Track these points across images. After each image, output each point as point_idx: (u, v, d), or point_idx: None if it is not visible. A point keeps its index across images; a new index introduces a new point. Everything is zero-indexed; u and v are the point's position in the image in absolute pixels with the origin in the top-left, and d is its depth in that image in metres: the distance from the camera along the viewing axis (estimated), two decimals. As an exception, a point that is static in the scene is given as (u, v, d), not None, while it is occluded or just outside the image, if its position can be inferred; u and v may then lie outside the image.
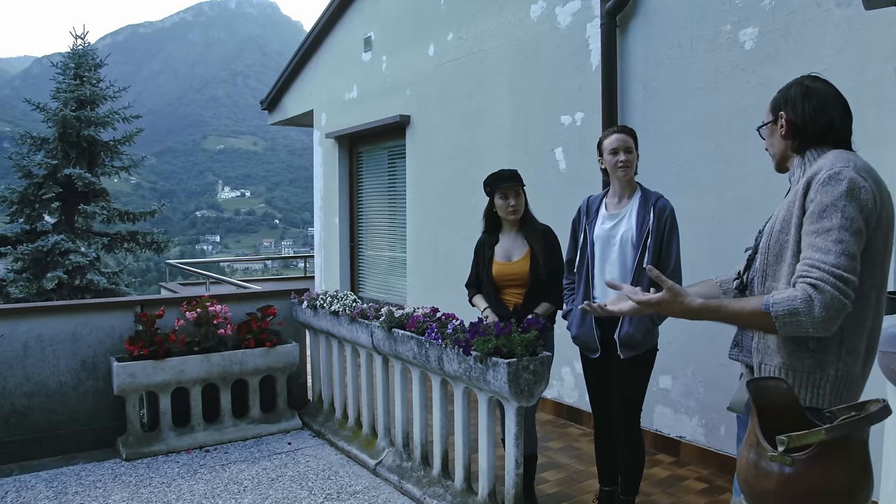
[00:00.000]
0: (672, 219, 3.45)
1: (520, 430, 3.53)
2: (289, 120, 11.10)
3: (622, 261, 3.48)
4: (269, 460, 4.89)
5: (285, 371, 5.52)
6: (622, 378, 3.55)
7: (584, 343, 3.60)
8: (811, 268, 1.83)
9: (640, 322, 3.41)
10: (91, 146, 14.94)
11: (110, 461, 4.86)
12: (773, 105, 2.16)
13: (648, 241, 3.38)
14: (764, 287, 2.03)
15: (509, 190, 3.92)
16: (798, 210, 1.93)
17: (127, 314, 5.15)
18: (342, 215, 9.60)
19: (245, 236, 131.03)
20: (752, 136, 4.40)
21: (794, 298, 1.81)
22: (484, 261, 4.04)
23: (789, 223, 1.96)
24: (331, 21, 9.36)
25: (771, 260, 2.01)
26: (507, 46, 6.33)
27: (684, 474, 4.60)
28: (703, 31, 4.64)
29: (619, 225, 3.51)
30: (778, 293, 1.86)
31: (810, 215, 1.89)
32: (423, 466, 4.33)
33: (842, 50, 3.88)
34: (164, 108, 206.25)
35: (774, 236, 2.02)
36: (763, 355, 2.04)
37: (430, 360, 3.90)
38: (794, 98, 2.09)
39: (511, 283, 3.96)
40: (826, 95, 2.06)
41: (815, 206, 1.88)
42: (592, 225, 3.59)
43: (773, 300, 1.84)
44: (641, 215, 3.44)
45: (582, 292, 3.57)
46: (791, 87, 2.12)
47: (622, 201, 3.56)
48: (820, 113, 2.04)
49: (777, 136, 2.14)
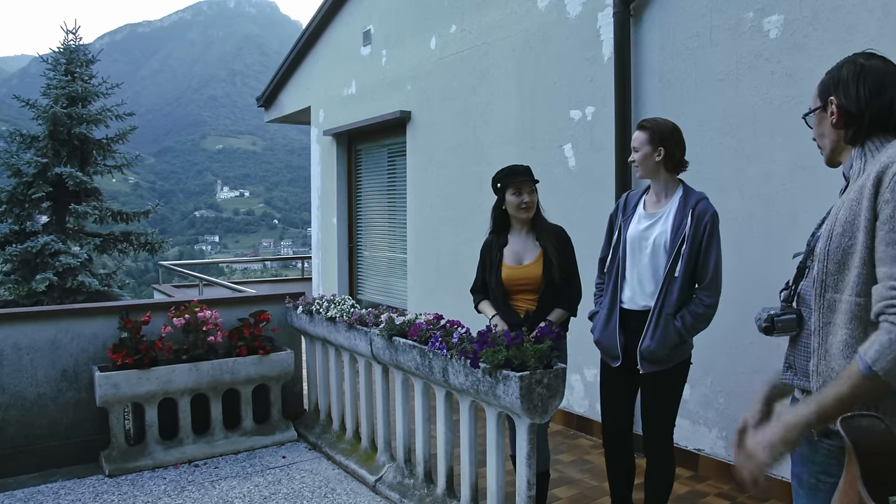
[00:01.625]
0: (713, 224, 3.15)
1: (532, 449, 3.25)
2: (286, 117, 10.85)
3: (654, 266, 3.22)
4: (262, 476, 4.61)
5: (279, 380, 5.24)
6: (648, 395, 3.32)
7: (606, 349, 3.35)
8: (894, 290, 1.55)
9: (665, 336, 3.14)
10: (83, 144, 14.61)
11: (92, 477, 4.57)
12: (822, 88, 1.85)
13: (683, 249, 3.11)
14: (823, 300, 1.73)
15: (523, 185, 3.64)
16: (867, 212, 1.62)
17: (111, 320, 4.87)
18: (340, 215, 9.33)
19: (244, 236, 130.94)
20: (778, 131, 4.16)
21: (892, 344, 1.51)
22: (492, 264, 3.75)
23: (855, 226, 1.66)
24: (329, 14, 9.10)
25: (831, 268, 1.71)
26: (514, 38, 6.04)
27: (704, 490, 4.33)
28: (724, 18, 4.37)
29: (655, 226, 3.24)
30: (867, 347, 1.55)
31: (887, 220, 1.58)
32: (427, 484, 4.05)
33: (878, 38, 3.60)
34: (163, 108, 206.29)
35: (835, 240, 1.71)
36: (825, 379, 1.73)
37: (434, 371, 3.62)
38: (847, 79, 1.77)
39: (522, 288, 3.69)
40: (884, 74, 1.75)
41: (892, 210, 1.58)
42: (628, 223, 3.34)
43: (870, 357, 1.53)
44: (679, 218, 3.17)
45: (609, 295, 3.34)
46: (842, 67, 1.80)
47: (661, 200, 3.30)
48: (877, 95, 1.73)
49: (827, 125, 1.83)
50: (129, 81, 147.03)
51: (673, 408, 3.32)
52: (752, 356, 4.26)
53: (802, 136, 3.93)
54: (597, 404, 5.15)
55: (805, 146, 3.91)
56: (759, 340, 4.17)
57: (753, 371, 4.26)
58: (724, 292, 4.38)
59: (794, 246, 3.94)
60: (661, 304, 3.15)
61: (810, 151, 3.89)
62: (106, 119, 15.08)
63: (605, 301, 3.36)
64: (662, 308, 3.14)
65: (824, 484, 1.76)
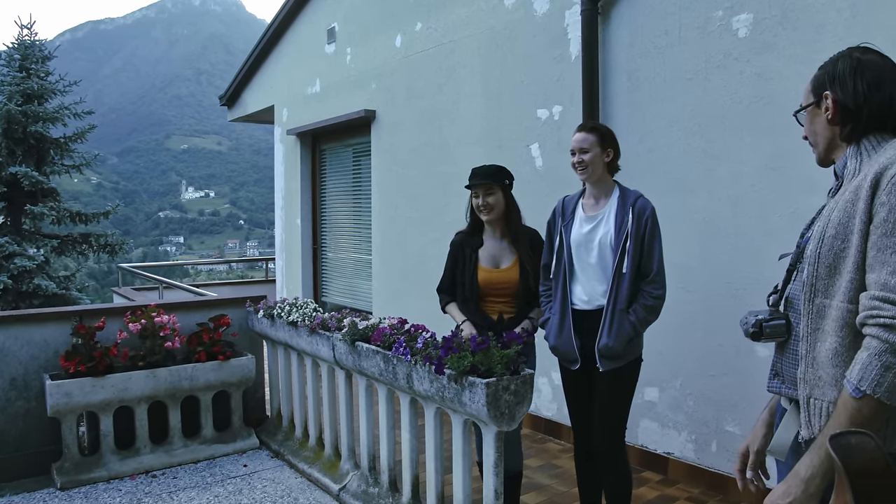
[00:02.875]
0: (653, 220, 3.19)
1: (499, 457, 3.16)
2: (249, 116, 10.67)
3: (602, 266, 3.23)
4: (222, 485, 4.46)
5: (240, 386, 5.09)
6: (603, 392, 3.28)
7: (563, 354, 3.32)
8: (883, 303, 1.48)
9: (620, 331, 3.14)
10: (39, 143, 14.22)
11: (42, 491, 4.38)
12: (816, 84, 1.77)
13: (628, 245, 3.13)
14: (812, 305, 1.65)
15: (478, 188, 3.61)
16: (863, 214, 1.55)
17: (63, 326, 4.67)
18: (304, 216, 9.17)
19: (209, 237, 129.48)
20: (747, 131, 4.11)
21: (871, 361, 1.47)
22: (466, 264, 3.66)
23: (849, 229, 1.58)
24: (293, 12, 8.95)
25: (822, 272, 1.63)
26: (480, 36, 5.95)
27: (674, 494, 4.27)
28: (693, 17, 4.32)
29: (598, 228, 3.26)
30: (852, 368, 1.50)
31: (883, 223, 1.51)
32: (392, 493, 3.94)
33: (845, 37, 3.55)
34: (127, 107, 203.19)
35: (827, 243, 1.63)
36: (812, 388, 1.65)
37: (399, 377, 3.51)
38: (843, 74, 1.69)
39: (498, 292, 3.61)
40: (882, 69, 1.68)
41: (888, 213, 1.51)
42: (569, 228, 3.34)
43: (854, 378, 1.48)
44: (620, 217, 3.19)
45: (560, 299, 3.31)
46: (837, 62, 1.72)
47: (599, 202, 3.31)
48: (876, 91, 1.66)
49: (821, 122, 1.76)
50: (91, 80, 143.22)
51: (627, 406, 3.31)
52: (721, 358, 4.21)
53: (772, 137, 3.90)
54: (564, 407, 5.08)
55: (775, 146, 3.88)
56: (729, 342, 4.13)
57: (723, 373, 4.22)
58: (692, 295, 4.34)
59: (764, 247, 3.93)
60: (614, 301, 3.16)
61: (780, 152, 3.86)
62: (63, 117, 14.74)
63: (556, 306, 3.33)
64: (616, 304, 3.16)
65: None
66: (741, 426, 4.14)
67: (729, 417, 4.21)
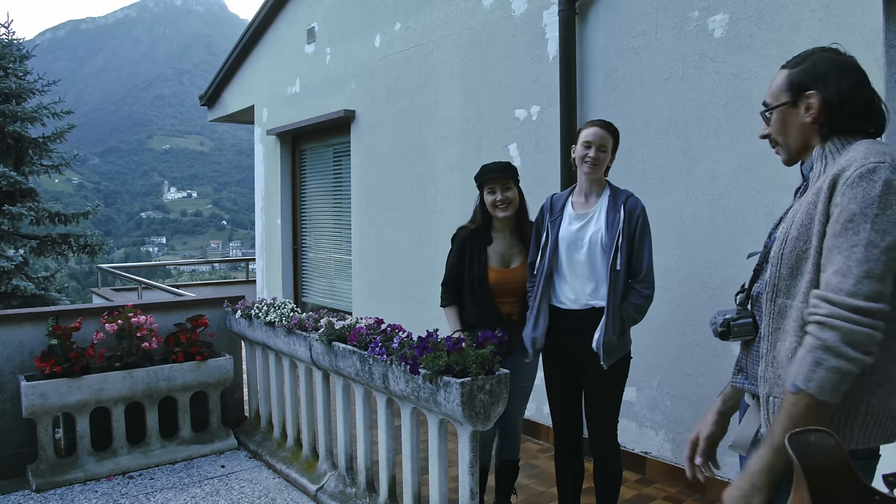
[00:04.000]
0: (644, 218, 3.20)
1: (474, 457, 3.15)
2: (229, 116, 10.61)
3: (591, 264, 3.21)
4: (199, 486, 4.44)
5: (218, 386, 5.06)
6: (596, 393, 3.31)
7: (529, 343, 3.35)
8: (822, 301, 1.51)
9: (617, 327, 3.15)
10: (17, 143, 14.05)
11: (17, 493, 4.33)
12: (794, 82, 1.75)
13: (620, 243, 3.12)
14: (774, 305, 1.66)
15: (496, 182, 3.54)
16: (821, 215, 1.57)
17: (39, 327, 4.63)
18: (284, 216, 9.14)
19: (192, 238, 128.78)
20: (723, 131, 4.13)
21: (805, 357, 1.50)
22: (473, 262, 3.61)
23: (809, 230, 1.59)
24: (273, 11, 8.91)
25: (784, 273, 1.64)
26: (458, 36, 5.95)
27: (651, 493, 4.28)
28: (669, 17, 4.34)
29: (588, 226, 3.23)
30: (793, 365, 1.53)
31: (833, 223, 1.54)
32: (369, 493, 3.93)
33: (819, 38, 3.58)
34: (108, 107, 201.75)
35: (790, 244, 1.64)
36: (772, 386, 1.67)
37: (375, 377, 3.50)
38: (826, 73, 1.70)
39: (509, 292, 3.59)
40: (857, 70, 1.70)
41: (839, 213, 1.53)
42: (557, 225, 3.30)
43: (791, 375, 1.51)
44: (611, 215, 3.18)
45: (540, 296, 3.28)
46: (816, 62, 1.73)
47: (589, 200, 3.29)
48: (858, 90, 1.67)
49: (798, 122, 1.75)
50: (72, 79, 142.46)
51: (618, 403, 3.34)
52: (698, 358, 4.23)
53: (747, 137, 3.92)
54: (543, 406, 5.10)
55: (751, 147, 3.90)
56: (706, 342, 4.15)
57: (700, 373, 4.23)
58: (670, 294, 4.36)
59: (741, 247, 3.95)
60: (614, 298, 3.15)
61: (756, 151, 3.88)
62: (42, 117, 14.56)
63: (541, 303, 3.30)
64: (615, 301, 3.15)
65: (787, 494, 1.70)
66: (717, 425, 4.15)
67: (705, 416, 4.23)
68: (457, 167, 5.97)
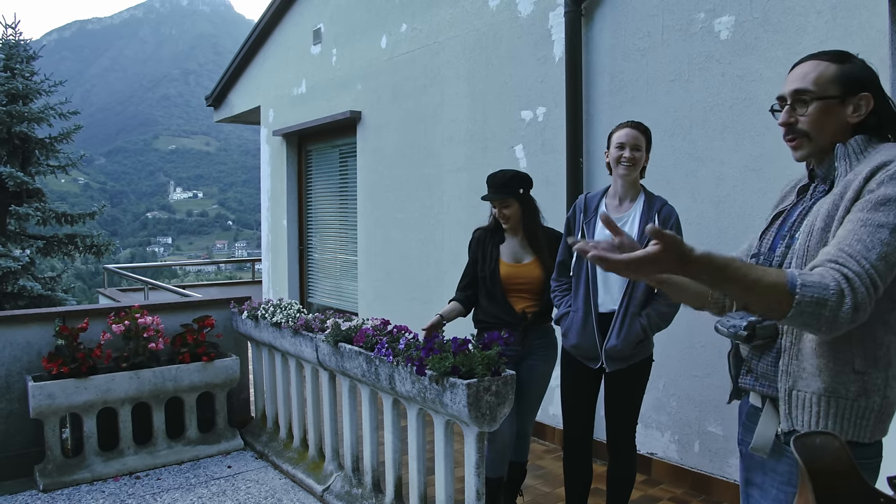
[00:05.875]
0: (677, 228, 3.19)
1: (480, 458, 3.16)
2: (235, 117, 10.64)
3: None
4: (206, 487, 4.45)
5: (225, 387, 5.08)
6: (614, 393, 3.30)
7: (586, 351, 3.28)
8: (850, 257, 1.50)
9: (629, 334, 3.14)
10: (24, 143, 14.12)
11: (25, 493, 4.35)
12: (850, 79, 1.72)
13: None
14: None
15: (494, 201, 3.60)
16: (848, 202, 1.59)
17: (46, 327, 4.65)
18: (290, 217, 9.16)
19: (197, 238, 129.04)
20: (729, 133, 4.13)
21: (826, 288, 1.47)
22: (488, 259, 3.65)
23: (833, 218, 1.62)
24: (279, 12, 8.94)
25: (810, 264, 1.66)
26: (464, 37, 5.96)
27: (657, 494, 4.29)
28: (675, 19, 4.34)
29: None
30: (809, 275, 1.50)
31: (865, 203, 1.55)
32: (375, 493, 3.94)
33: (826, 40, 3.59)
34: (114, 107, 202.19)
35: (815, 235, 1.65)
36: (795, 380, 1.67)
37: (381, 378, 3.51)
38: (874, 78, 1.71)
39: (521, 287, 3.60)
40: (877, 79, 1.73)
41: (874, 196, 1.54)
42: (591, 226, 3.27)
43: (803, 281, 1.47)
44: (644, 221, 3.15)
45: (583, 298, 3.25)
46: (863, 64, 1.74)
47: (623, 204, 3.27)
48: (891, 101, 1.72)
49: (840, 119, 1.72)
50: (78, 80, 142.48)
51: (637, 405, 3.33)
52: (703, 359, 4.24)
53: (753, 138, 3.92)
54: (549, 407, 5.10)
55: (756, 148, 3.91)
56: (711, 343, 4.15)
57: (706, 374, 4.24)
58: (675, 295, 4.33)
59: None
60: (627, 305, 3.15)
61: (762, 153, 3.89)
62: (49, 118, 14.62)
63: (579, 304, 3.27)
64: (628, 308, 3.15)
65: (785, 494, 1.70)
66: (724, 427, 4.17)
67: (711, 418, 4.24)
68: (463, 168, 5.98)
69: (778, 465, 1.73)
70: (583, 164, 4.84)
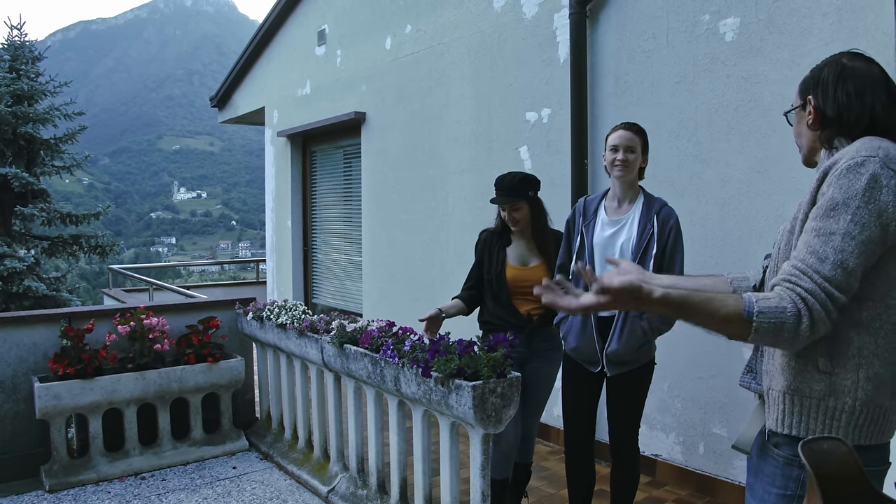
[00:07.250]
0: (677, 229, 3.16)
1: (486, 460, 3.17)
2: (239, 118, 10.65)
3: None
4: (211, 488, 4.46)
5: (230, 388, 5.09)
6: (617, 396, 3.30)
7: (587, 355, 3.26)
8: (802, 274, 1.51)
9: (631, 338, 3.12)
10: (29, 144, 14.13)
11: (31, 493, 4.37)
12: (802, 87, 1.78)
13: (651, 251, 3.10)
14: None
15: (504, 205, 3.60)
16: (807, 205, 1.61)
17: (52, 328, 4.66)
18: (295, 218, 9.17)
19: (201, 238, 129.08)
20: (734, 135, 4.13)
21: (784, 311, 1.48)
22: (491, 261, 3.66)
23: (798, 219, 1.64)
24: (283, 13, 8.95)
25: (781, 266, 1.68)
26: (469, 39, 5.97)
27: (661, 496, 4.29)
28: (680, 21, 4.34)
29: (620, 233, 3.21)
30: (764, 300, 1.51)
31: (817, 209, 1.56)
32: (380, 495, 3.94)
33: (831, 42, 3.59)
34: (118, 108, 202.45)
35: (784, 237, 1.69)
36: (771, 378, 1.70)
37: (386, 380, 3.51)
38: (826, 80, 1.70)
39: (527, 290, 3.56)
40: (866, 77, 1.68)
41: (824, 200, 1.55)
42: (591, 229, 3.28)
43: (759, 308, 1.49)
44: (643, 223, 3.15)
45: None
46: (824, 67, 1.74)
47: (622, 206, 3.26)
48: (857, 99, 1.66)
49: (804, 125, 1.78)
50: (82, 80, 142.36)
51: (640, 407, 3.33)
52: (708, 361, 4.24)
53: (758, 140, 3.92)
54: (554, 409, 5.10)
55: (761, 150, 3.91)
56: (716, 345, 4.15)
57: (710, 376, 4.24)
58: (680, 297, 4.33)
59: (751, 250, 3.95)
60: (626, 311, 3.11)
61: (767, 155, 3.89)
62: (54, 118, 14.63)
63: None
64: (628, 311, 3.11)
65: (770, 495, 1.70)
66: (728, 428, 4.16)
67: (716, 419, 4.23)
68: (467, 169, 5.99)
69: (764, 465, 1.74)
70: (588, 165, 4.84)
